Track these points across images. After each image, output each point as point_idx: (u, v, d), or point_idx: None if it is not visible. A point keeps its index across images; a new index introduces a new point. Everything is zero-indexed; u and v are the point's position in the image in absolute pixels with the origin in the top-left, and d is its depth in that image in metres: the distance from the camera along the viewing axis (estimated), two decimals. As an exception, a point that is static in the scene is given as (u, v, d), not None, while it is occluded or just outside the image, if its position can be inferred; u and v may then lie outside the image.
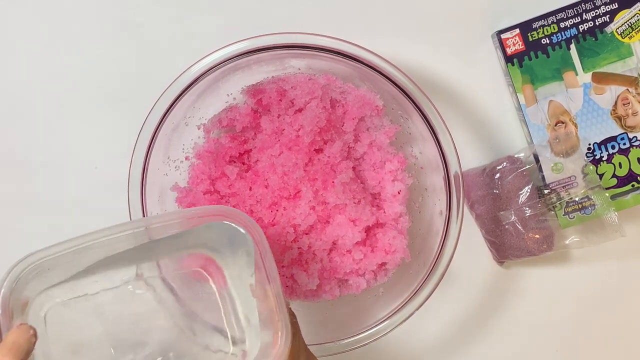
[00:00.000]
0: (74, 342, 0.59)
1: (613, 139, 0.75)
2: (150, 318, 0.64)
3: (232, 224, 0.58)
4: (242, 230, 0.57)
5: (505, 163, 0.74)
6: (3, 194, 0.75)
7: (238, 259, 0.61)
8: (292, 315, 0.59)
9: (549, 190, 0.74)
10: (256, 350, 0.58)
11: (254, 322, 0.59)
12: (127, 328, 0.62)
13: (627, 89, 0.74)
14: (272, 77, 0.71)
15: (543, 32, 0.73)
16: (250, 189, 0.69)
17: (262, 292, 0.57)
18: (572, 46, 0.74)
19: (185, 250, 0.64)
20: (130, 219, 0.66)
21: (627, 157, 0.75)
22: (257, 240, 0.57)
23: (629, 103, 0.74)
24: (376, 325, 0.67)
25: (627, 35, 0.73)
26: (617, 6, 0.73)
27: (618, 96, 0.74)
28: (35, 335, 0.48)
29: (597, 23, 0.73)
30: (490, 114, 0.77)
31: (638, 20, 0.73)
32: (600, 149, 0.75)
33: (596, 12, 0.73)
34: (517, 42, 0.73)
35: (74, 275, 0.58)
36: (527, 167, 0.74)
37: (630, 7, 0.73)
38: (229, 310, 0.62)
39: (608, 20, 0.73)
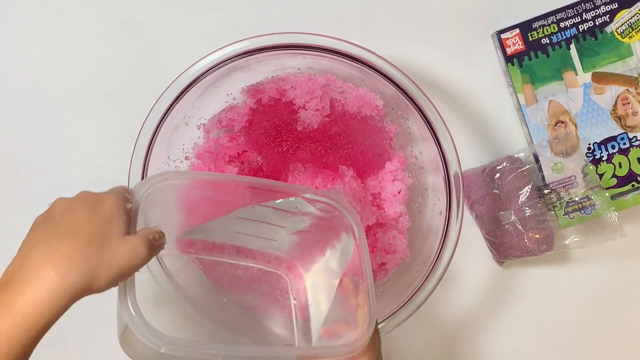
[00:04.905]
0: (156, 295, 0.59)
1: (613, 138, 0.74)
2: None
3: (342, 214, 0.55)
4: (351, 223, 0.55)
5: (505, 163, 0.74)
6: (3, 194, 0.75)
7: (325, 262, 0.58)
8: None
9: (549, 190, 0.74)
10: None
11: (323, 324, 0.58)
12: (205, 291, 0.62)
13: (627, 89, 0.74)
14: (272, 77, 0.71)
15: (543, 32, 0.73)
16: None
17: (351, 288, 0.55)
18: (572, 46, 0.73)
19: (270, 247, 0.61)
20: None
21: (627, 157, 0.75)
22: (358, 234, 0.55)
23: (629, 103, 0.74)
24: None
25: (627, 35, 0.73)
26: (617, 6, 0.73)
27: (618, 96, 0.74)
28: (163, 246, 0.49)
29: (597, 23, 0.73)
30: (490, 114, 0.77)
31: (638, 20, 0.73)
32: (600, 148, 0.75)
33: (596, 12, 0.73)
34: (517, 42, 0.73)
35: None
36: (527, 167, 0.74)
37: (630, 7, 0.73)
38: (299, 317, 0.61)
39: (608, 20, 0.73)
